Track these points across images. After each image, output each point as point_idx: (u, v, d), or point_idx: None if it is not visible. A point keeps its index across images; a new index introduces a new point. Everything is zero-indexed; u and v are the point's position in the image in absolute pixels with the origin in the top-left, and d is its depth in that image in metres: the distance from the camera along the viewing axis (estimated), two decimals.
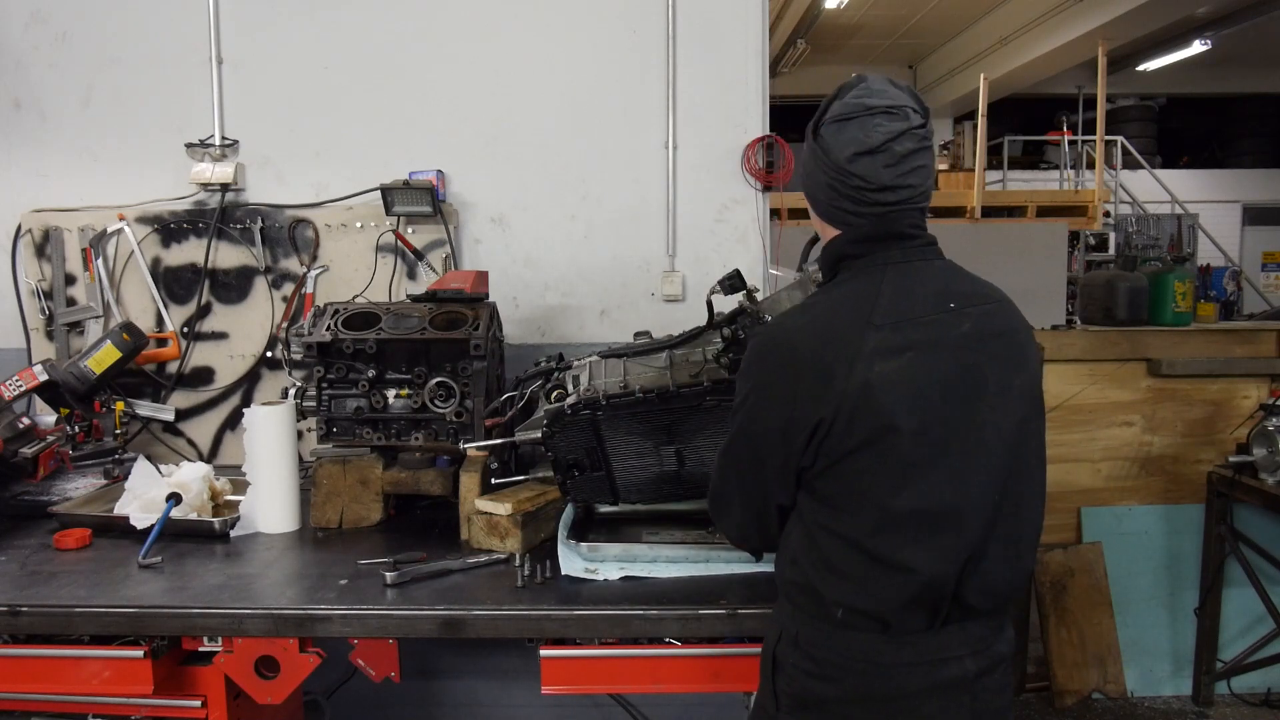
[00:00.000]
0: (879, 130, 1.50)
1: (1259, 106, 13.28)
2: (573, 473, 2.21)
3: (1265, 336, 4.30)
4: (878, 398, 1.45)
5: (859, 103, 1.53)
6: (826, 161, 1.56)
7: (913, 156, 1.52)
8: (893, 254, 1.56)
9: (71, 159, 3.14)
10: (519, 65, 3.13)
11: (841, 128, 1.54)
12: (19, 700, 2.02)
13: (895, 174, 1.51)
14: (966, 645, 1.53)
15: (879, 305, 1.50)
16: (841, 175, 1.53)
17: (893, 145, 1.50)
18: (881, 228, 1.56)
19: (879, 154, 1.50)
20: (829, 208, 1.60)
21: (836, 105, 1.57)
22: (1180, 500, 4.11)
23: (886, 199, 1.53)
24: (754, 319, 2.05)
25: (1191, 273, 7.28)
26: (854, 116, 1.53)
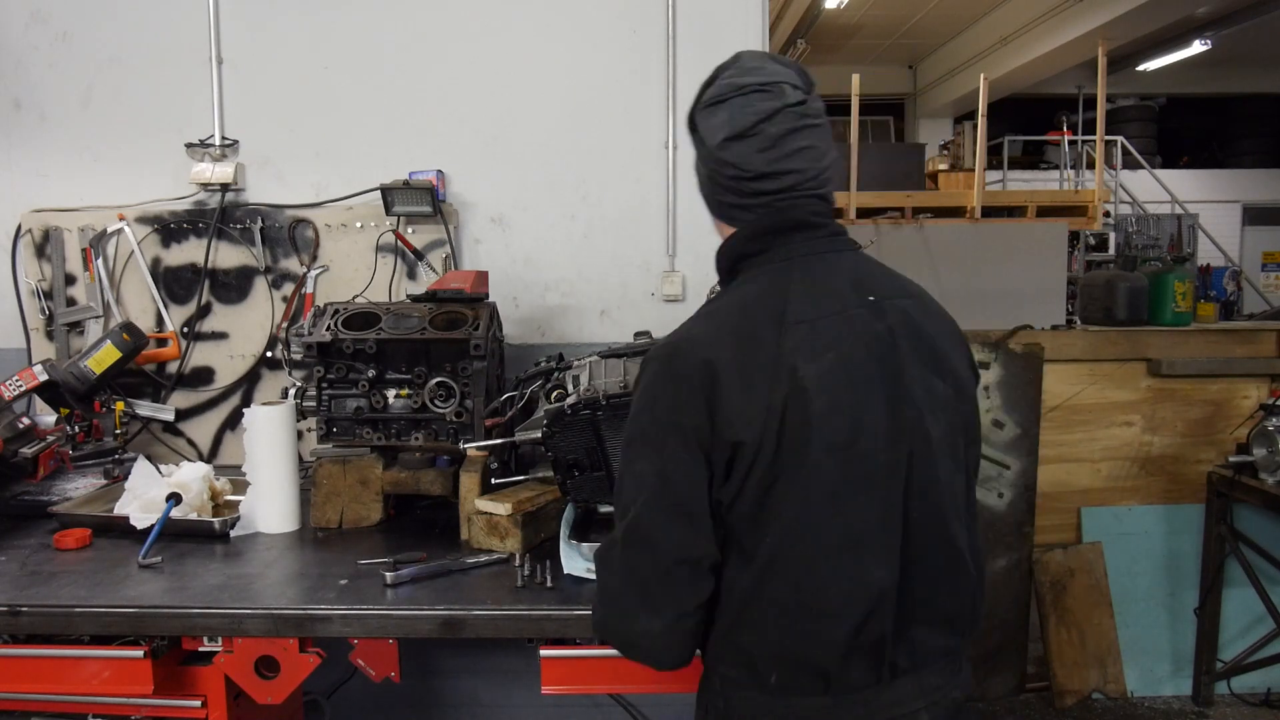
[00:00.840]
0: (749, 111, 1.34)
1: (1259, 106, 13.27)
2: (573, 473, 2.21)
3: (1265, 336, 4.30)
4: (805, 407, 1.27)
5: (730, 82, 1.38)
6: (702, 150, 1.41)
7: (791, 137, 1.35)
8: (796, 246, 1.38)
9: (71, 159, 3.14)
10: (519, 65, 3.13)
11: (714, 112, 1.38)
12: (19, 700, 2.02)
13: (770, 159, 1.35)
14: (922, 697, 1.35)
15: (791, 302, 1.32)
16: (717, 164, 1.39)
17: (765, 127, 1.34)
18: (778, 219, 1.39)
19: (750, 137, 1.35)
20: (714, 202, 1.46)
21: (710, 89, 1.41)
22: (1180, 500, 4.11)
23: (767, 188, 1.37)
24: None
25: (1191, 273, 7.29)
26: (725, 98, 1.37)
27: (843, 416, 1.29)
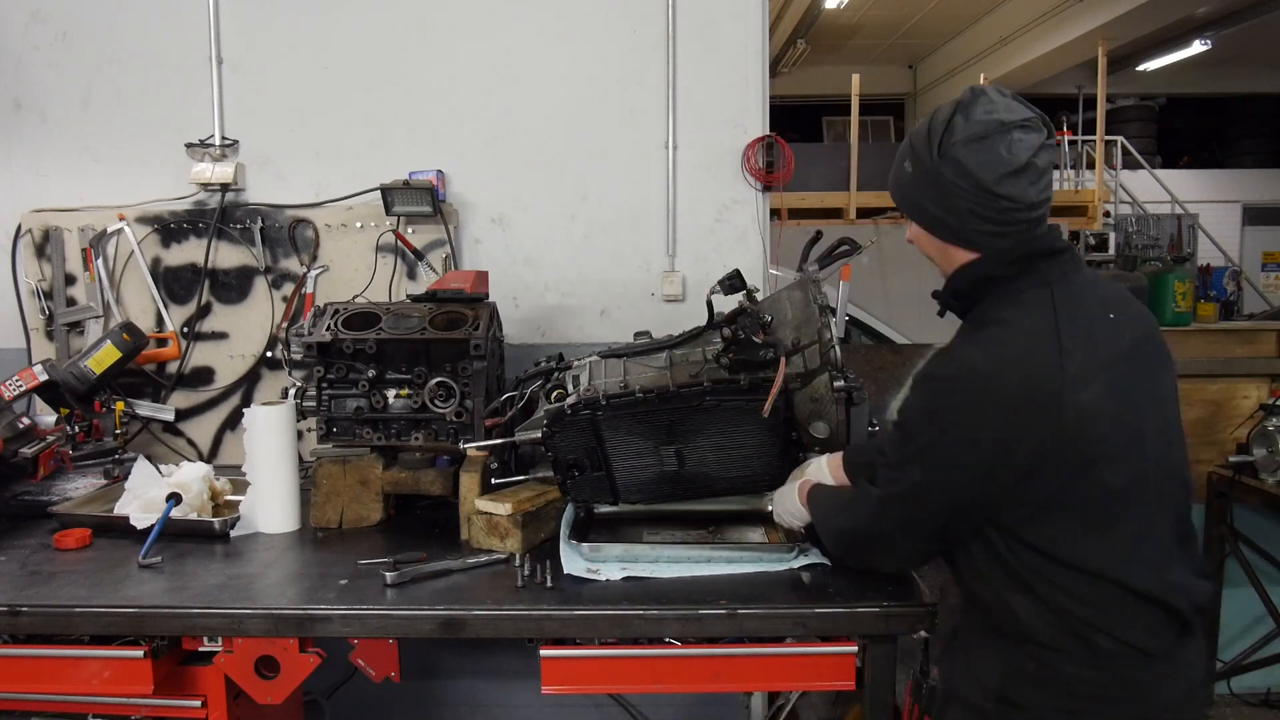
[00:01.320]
0: (1021, 147, 1.45)
1: (1259, 106, 13.27)
2: (573, 473, 2.21)
3: (1265, 336, 4.31)
4: (1089, 426, 1.42)
5: (992, 119, 1.47)
6: (964, 184, 1.48)
7: (1050, 170, 1.50)
8: (1053, 271, 1.51)
9: (71, 159, 3.14)
10: (519, 65, 3.13)
11: (978, 148, 1.47)
12: (19, 700, 2.02)
13: (1039, 190, 1.48)
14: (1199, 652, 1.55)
15: (1062, 329, 1.45)
16: (987, 197, 1.48)
17: (1035, 161, 1.46)
18: (1034, 245, 1.51)
19: (1026, 172, 1.46)
20: (963, 231, 1.53)
21: (963, 123, 1.49)
22: None
23: (1034, 216, 1.50)
24: (754, 319, 2.05)
25: (1191, 273, 7.27)
26: (990, 134, 1.46)
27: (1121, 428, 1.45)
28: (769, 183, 3.14)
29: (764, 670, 1.95)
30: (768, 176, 3.12)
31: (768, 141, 3.10)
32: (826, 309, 2.11)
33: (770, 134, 3.12)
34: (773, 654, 1.92)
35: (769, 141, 3.10)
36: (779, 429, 2.11)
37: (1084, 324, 1.47)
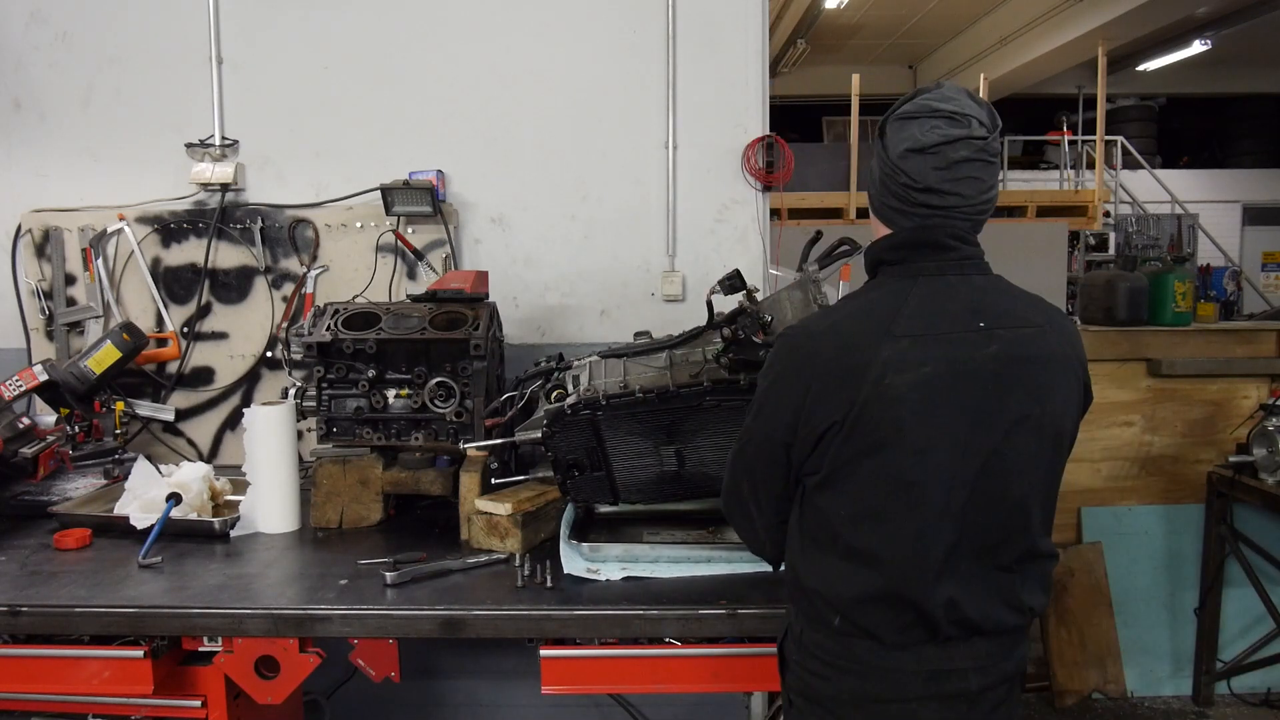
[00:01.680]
0: (935, 132, 1.49)
1: (1259, 106, 13.27)
2: (573, 473, 2.21)
3: (1265, 336, 4.30)
4: (885, 410, 1.45)
5: (925, 104, 1.52)
6: (882, 156, 1.55)
7: (965, 165, 1.49)
8: (926, 264, 1.54)
9: (71, 159, 3.14)
10: (519, 65, 3.13)
11: (903, 125, 1.53)
12: (19, 700, 2.02)
13: (942, 178, 1.49)
14: (972, 660, 1.52)
15: (901, 317, 1.49)
16: (891, 171, 1.53)
17: (945, 149, 1.48)
18: (920, 235, 1.54)
19: (929, 154, 1.49)
20: (879, 204, 1.60)
21: (906, 105, 1.56)
22: (1180, 500, 4.11)
23: (931, 202, 1.51)
24: (754, 319, 2.05)
25: (1191, 273, 7.28)
26: (917, 116, 1.52)
27: (922, 424, 1.46)
28: (769, 183, 3.14)
29: (764, 670, 1.95)
30: (768, 176, 3.12)
31: (768, 141, 3.10)
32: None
33: (770, 134, 3.12)
34: (773, 654, 1.92)
35: (769, 141, 3.10)
36: None
37: (930, 319, 1.49)
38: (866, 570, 1.50)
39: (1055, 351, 1.54)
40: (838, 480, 1.51)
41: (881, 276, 1.59)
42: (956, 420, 1.47)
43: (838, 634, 1.54)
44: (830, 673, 1.55)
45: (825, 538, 1.54)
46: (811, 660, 1.58)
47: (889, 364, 1.45)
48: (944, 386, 1.46)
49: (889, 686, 1.52)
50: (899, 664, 1.51)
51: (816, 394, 1.49)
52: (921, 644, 1.51)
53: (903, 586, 1.48)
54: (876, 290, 1.57)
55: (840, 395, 1.47)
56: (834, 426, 1.47)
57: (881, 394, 1.45)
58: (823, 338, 1.53)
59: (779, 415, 1.55)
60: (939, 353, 1.47)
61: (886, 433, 1.45)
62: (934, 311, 1.50)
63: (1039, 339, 1.52)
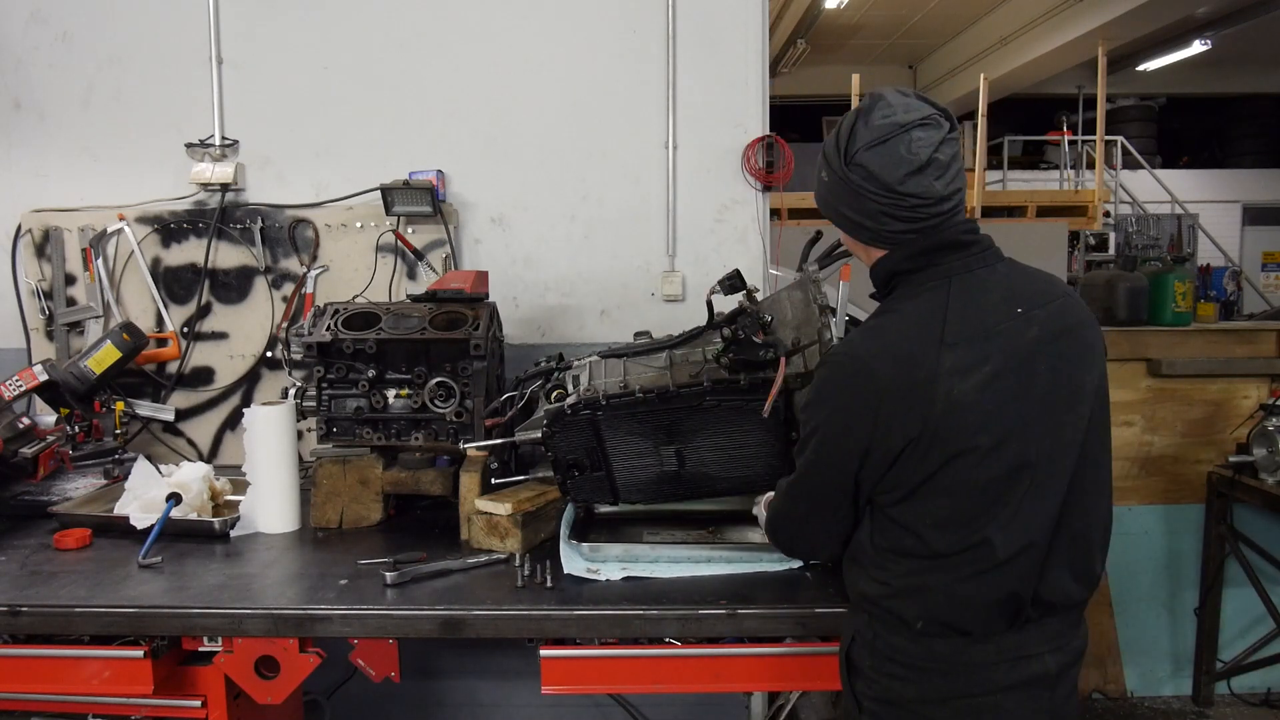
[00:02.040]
0: (921, 145, 1.49)
1: (1259, 106, 13.27)
2: (573, 473, 2.21)
3: (1265, 336, 4.30)
4: (958, 418, 1.46)
5: (889, 121, 1.51)
6: (871, 187, 1.52)
7: (955, 161, 1.52)
8: (954, 264, 1.55)
9: (71, 159, 3.14)
10: (519, 65, 3.13)
11: (881, 151, 1.51)
12: (19, 700, 2.02)
13: (946, 184, 1.51)
14: (1047, 642, 1.55)
15: (949, 322, 1.50)
16: (895, 198, 1.51)
17: (937, 156, 1.50)
18: (936, 238, 1.55)
19: (929, 168, 1.50)
20: (878, 232, 1.57)
21: (864, 129, 1.53)
22: (1180, 500, 4.11)
23: (942, 209, 1.53)
24: (754, 319, 2.05)
25: (1191, 273, 7.28)
26: (890, 137, 1.50)
27: (994, 420, 1.48)
28: (769, 183, 3.13)
29: (764, 670, 1.95)
30: (768, 176, 3.12)
31: (768, 141, 3.10)
32: (826, 309, 2.11)
33: (770, 134, 3.12)
34: (773, 654, 1.92)
35: (769, 141, 3.10)
36: (779, 429, 2.11)
37: (976, 318, 1.51)
38: (955, 569, 1.51)
39: (1084, 317, 1.59)
40: (917, 492, 1.51)
41: (907, 287, 1.58)
42: (1025, 410, 1.49)
43: (920, 636, 1.55)
44: (911, 674, 1.56)
45: (905, 546, 1.55)
46: (889, 664, 1.58)
47: (953, 372, 1.46)
48: (1006, 381, 1.48)
49: (973, 681, 1.54)
50: (981, 657, 1.53)
51: (887, 418, 1.49)
52: (1001, 633, 1.53)
53: (998, 577, 1.50)
54: (910, 301, 1.56)
55: (912, 414, 1.47)
56: (910, 445, 1.48)
57: (952, 404, 1.46)
58: (878, 360, 1.52)
59: (846, 444, 1.54)
60: (993, 349, 1.49)
61: (962, 439, 1.47)
62: (976, 309, 1.52)
63: (1067, 310, 1.57)
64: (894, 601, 1.56)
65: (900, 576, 1.55)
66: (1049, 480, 1.52)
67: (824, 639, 1.90)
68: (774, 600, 1.89)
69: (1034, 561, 1.52)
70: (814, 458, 1.60)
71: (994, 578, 1.51)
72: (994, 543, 1.50)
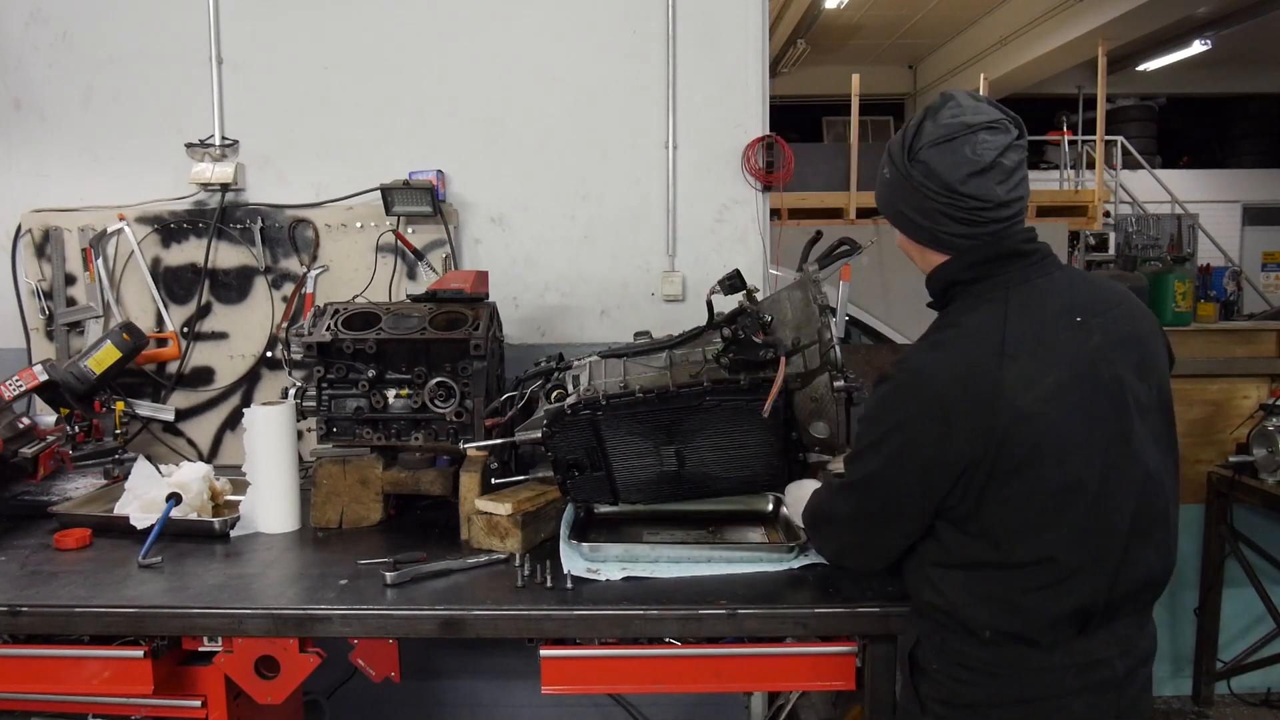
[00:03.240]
0: (986, 147, 1.48)
1: (1259, 106, 13.27)
2: (573, 473, 2.21)
3: (1265, 336, 4.31)
4: (1023, 430, 1.45)
5: (958, 121, 1.50)
6: (932, 186, 1.52)
7: (1020, 169, 1.51)
8: (1013, 275, 1.54)
9: (71, 159, 3.14)
10: (519, 65, 3.13)
11: (946, 149, 1.50)
12: (19, 700, 2.02)
13: (1008, 189, 1.50)
14: (1115, 646, 1.55)
15: (1009, 334, 1.49)
16: (954, 198, 1.50)
17: (1002, 160, 1.49)
18: (995, 248, 1.53)
19: (991, 171, 1.49)
20: (935, 233, 1.56)
21: (930, 127, 1.53)
22: (1180, 500, 4.10)
23: (1001, 215, 1.51)
24: (754, 319, 2.05)
25: (1191, 273, 7.27)
26: (956, 136, 1.50)
27: (1060, 431, 1.47)
28: (769, 183, 3.14)
29: (764, 670, 1.95)
30: (768, 176, 3.12)
31: (768, 141, 3.10)
32: (826, 309, 2.11)
33: (770, 134, 3.12)
34: (773, 654, 1.92)
35: (769, 141, 3.10)
36: (779, 429, 2.11)
37: (1036, 329, 1.50)
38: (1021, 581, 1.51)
39: (1145, 326, 1.59)
40: (983, 504, 1.50)
41: (965, 299, 1.57)
42: (1090, 420, 1.48)
43: (989, 644, 1.54)
44: (980, 679, 1.56)
45: (970, 557, 1.55)
46: (957, 669, 1.58)
47: (1016, 385, 1.45)
48: (1069, 392, 1.47)
49: (1041, 686, 1.53)
50: (1049, 662, 1.52)
51: (951, 433, 1.48)
52: (1071, 639, 1.52)
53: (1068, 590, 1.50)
54: (970, 314, 1.55)
55: (979, 428, 1.46)
56: (976, 460, 1.47)
57: (1017, 416, 1.45)
58: (940, 374, 1.51)
59: (914, 460, 1.53)
60: (1055, 359, 1.48)
61: (1028, 451, 1.46)
62: (1036, 320, 1.51)
63: (1128, 318, 1.57)
64: (961, 612, 1.56)
65: (965, 588, 1.55)
66: (1118, 490, 1.51)
67: (824, 639, 1.90)
68: (774, 600, 1.89)
69: (1105, 571, 1.51)
70: (876, 470, 1.58)
71: (1061, 590, 1.50)
72: (1060, 556, 1.49)
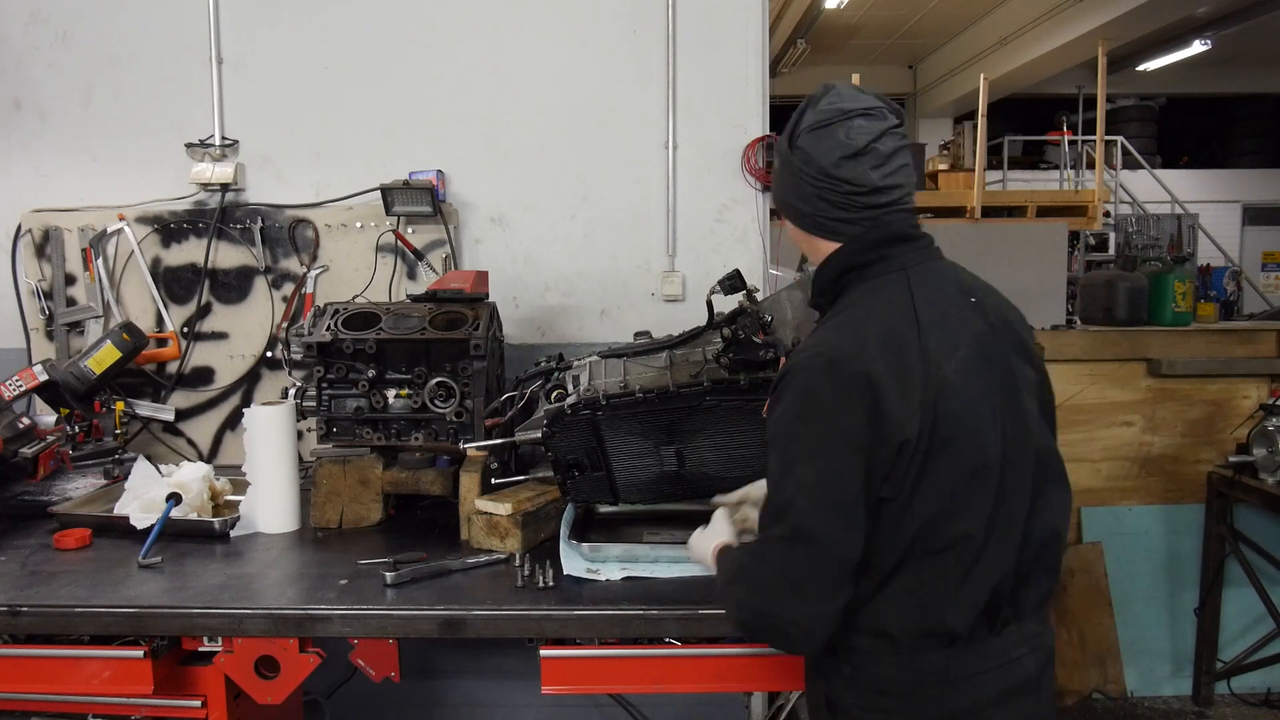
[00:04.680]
0: (860, 132, 1.49)
1: (1259, 106, 13.27)
2: (573, 473, 2.21)
3: (1265, 336, 4.30)
4: (948, 402, 1.42)
5: (834, 108, 1.51)
6: (809, 170, 1.52)
7: (897, 155, 1.51)
8: (908, 256, 1.53)
9: (71, 159, 3.14)
10: (519, 65, 3.13)
11: (821, 135, 1.51)
12: (19, 700, 2.02)
13: (883, 174, 1.50)
14: (1025, 644, 1.54)
15: (919, 306, 1.47)
16: (830, 181, 1.51)
17: (876, 146, 1.49)
18: (884, 231, 1.53)
19: (864, 156, 1.49)
20: (817, 219, 1.56)
21: (810, 114, 1.54)
22: (1180, 500, 4.11)
23: (878, 201, 1.51)
24: (754, 319, 2.05)
25: (1191, 273, 7.26)
26: (832, 122, 1.50)
27: (975, 405, 1.46)
28: (769, 183, 3.13)
29: (764, 670, 1.96)
30: (768, 176, 3.12)
31: (768, 141, 3.10)
32: None
33: (770, 134, 3.12)
34: (772, 654, 1.92)
35: (769, 141, 3.10)
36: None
37: (940, 303, 1.50)
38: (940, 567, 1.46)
39: (1020, 316, 1.62)
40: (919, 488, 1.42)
41: (861, 285, 1.54)
42: (993, 396, 1.48)
43: (907, 654, 1.48)
44: (899, 704, 1.50)
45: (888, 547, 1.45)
46: (874, 696, 1.51)
47: (938, 354, 1.44)
48: (976, 366, 1.47)
49: (962, 698, 1.50)
50: (968, 668, 1.49)
51: (886, 409, 1.39)
52: (984, 638, 1.50)
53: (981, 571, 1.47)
54: (873, 294, 1.52)
55: (912, 400, 1.40)
56: (914, 435, 1.40)
57: (942, 386, 1.42)
58: (864, 350, 1.42)
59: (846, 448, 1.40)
60: (959, 334, 1.48)
61: (951, 424, 1.42)
62: (939, 296, 1.51)
63: (1006, 306, 1.61)
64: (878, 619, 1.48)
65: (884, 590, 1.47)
66: (1020, 470, 1.50)
67: None
68: None
69: (1011, 554, 1.49)
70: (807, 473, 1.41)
71: (978, 572, 1.46)
72: (974, 533, 1.45)
